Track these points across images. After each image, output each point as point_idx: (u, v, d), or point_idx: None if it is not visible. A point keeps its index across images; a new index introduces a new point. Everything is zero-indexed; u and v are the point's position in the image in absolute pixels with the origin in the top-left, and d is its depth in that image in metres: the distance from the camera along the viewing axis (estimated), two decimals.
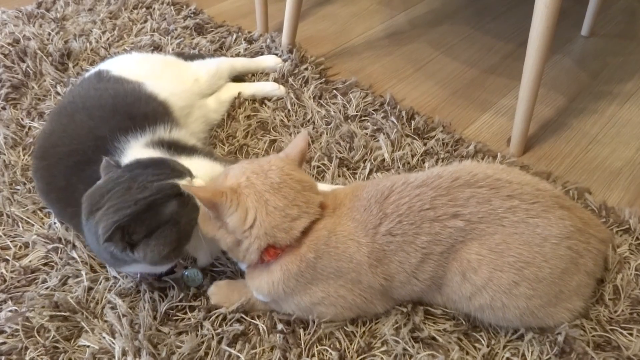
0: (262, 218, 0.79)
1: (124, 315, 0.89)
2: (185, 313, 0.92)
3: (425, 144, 1.24)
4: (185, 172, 0.86)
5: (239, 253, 0.83)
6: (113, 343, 0.86)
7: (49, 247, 1.01)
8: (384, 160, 1.20)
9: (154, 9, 1.76)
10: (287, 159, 0.85)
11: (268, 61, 1.48)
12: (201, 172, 0.96)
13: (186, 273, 0.94)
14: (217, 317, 0.90)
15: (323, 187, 1.08)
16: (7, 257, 1.00)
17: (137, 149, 0.97)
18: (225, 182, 0.82)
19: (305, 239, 0.81)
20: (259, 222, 0.79)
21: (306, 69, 1.47)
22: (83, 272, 0.96)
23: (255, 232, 0.79)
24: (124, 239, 0.80)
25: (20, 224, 1.06)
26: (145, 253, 0.82)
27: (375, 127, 1.29)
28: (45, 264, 1.00)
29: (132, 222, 0.79)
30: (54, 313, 0.90)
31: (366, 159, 1.20)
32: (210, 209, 0.80)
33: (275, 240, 0.80)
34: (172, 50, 1.55)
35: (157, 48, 1.56)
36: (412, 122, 1.30)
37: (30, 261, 1.00)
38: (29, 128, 1.29)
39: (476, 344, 0.87)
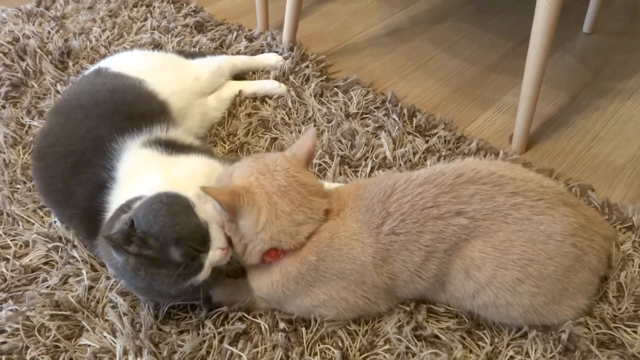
0: (271, 221, 0.78)
1: (125, 314, 0.89)
2: (187, 312, 0.91)
3: (427, 142, 1.24)
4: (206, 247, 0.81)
5: (241, 250, 0.83)
6: (114, 342, 0.86)
7: (50, 245, 1.01)
8: (385, 158, 1.20)
9: (154, 7, 1.75)
10: (293, 159, 0.84)
11: (269, 59, 1.48)
12: (198, 171, 0.95)
13: None
14: (218, 315, 0.89)
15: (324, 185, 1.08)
16: (7, 256, 1.00)
17: (133, 150, 0.97)
18: (233, 182, 0.81)
19: (307, 241, 0.80)
20: (268, 226, 0.78)
21: (307, 66, 1.47)
22: (84, 271, 0.96)
23: (261, 236, 0.79)
24: None
25: (20, 222, 1.06)
26: None
27: (376, 125, 1.28)
28: (45, 263, 0.99)
29: None
30: (54, 312, 0.90)
31: (368, 157, 1.20)
32: (228, 213, 0.79)
33: (279, 245, 0.79)
34: (173, 48, 1.54)
35: (157, 46, 1.55)
36: (414, 119, 1.29)
37: (30, 260, 0.99)
38: (29, 127, 1.28)
39: (479, 342, 0.86)
